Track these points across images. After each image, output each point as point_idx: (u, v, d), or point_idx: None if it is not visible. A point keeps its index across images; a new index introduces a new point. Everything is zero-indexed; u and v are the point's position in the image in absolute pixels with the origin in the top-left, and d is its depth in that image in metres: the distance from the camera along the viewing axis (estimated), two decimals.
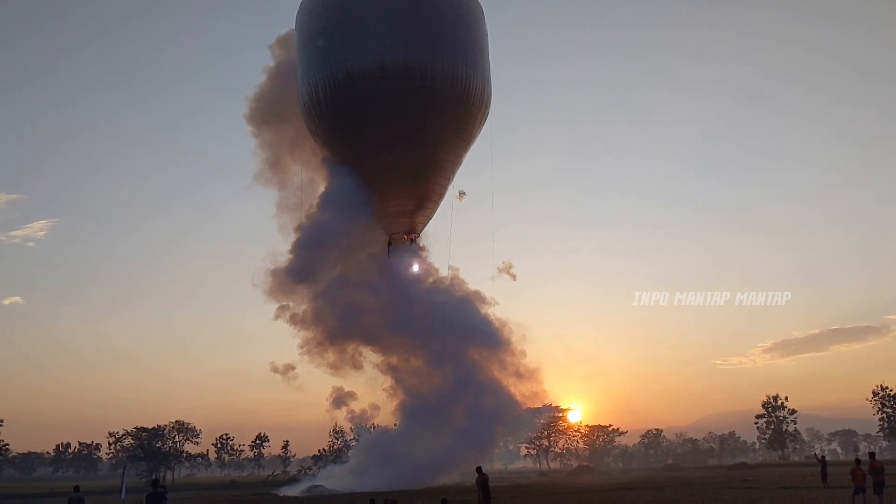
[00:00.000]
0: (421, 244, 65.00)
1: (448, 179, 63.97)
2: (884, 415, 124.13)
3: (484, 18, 63.34)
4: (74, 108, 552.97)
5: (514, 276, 66.20)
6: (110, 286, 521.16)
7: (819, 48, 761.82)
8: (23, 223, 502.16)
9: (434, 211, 65.22)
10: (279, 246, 65.21)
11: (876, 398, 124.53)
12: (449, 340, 58.90)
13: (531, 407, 62.40)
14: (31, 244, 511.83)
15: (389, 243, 63.75)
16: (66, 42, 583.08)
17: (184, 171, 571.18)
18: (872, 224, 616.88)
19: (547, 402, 63.90)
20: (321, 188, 65.02)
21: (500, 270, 65.52)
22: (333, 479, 64.44)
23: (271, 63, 69.62)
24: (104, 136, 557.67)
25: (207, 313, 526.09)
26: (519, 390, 61.26)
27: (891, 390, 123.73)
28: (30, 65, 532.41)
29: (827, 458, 41.27)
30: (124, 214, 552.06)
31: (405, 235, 64.22)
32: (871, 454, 27.64)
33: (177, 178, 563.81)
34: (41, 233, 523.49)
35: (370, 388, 63.67)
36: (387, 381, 63.51)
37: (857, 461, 28.38)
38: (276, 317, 62.52)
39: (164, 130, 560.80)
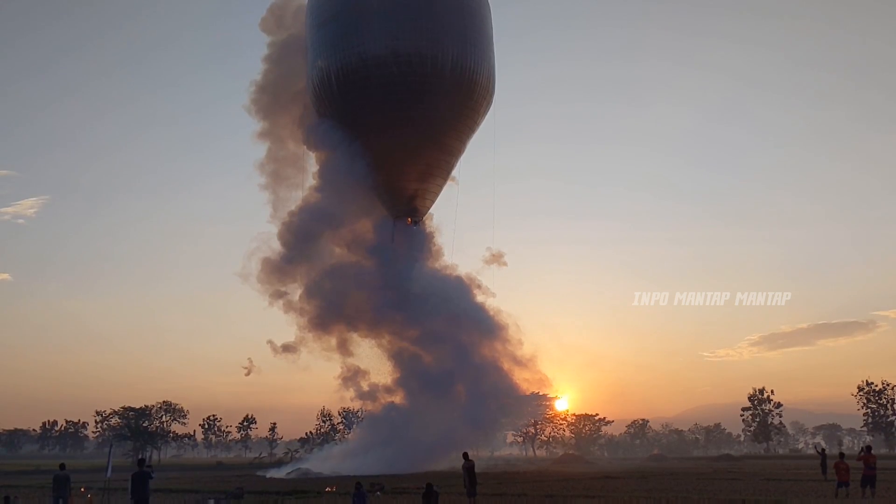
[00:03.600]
0: (424, 228, 65.43)
1: (451, 164, 65.38)
2: (868, 410, 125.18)
3: (489, 9, 64.80)
4: (67, 86, 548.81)
5: (504, 264, 66.47)
6: (101, 264, 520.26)
7: (827, 35, 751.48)
8: (13, 200, 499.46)
9: (437, 195, 66.40)
10: (274, 226, 64.90)
11: (861, 393, 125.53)
12: (448, 324, 59.38)
13: (524, 394, 62.75)
14: (21, 221, 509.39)
15: (393, 225, 64.04)
16: (56, 19, 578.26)
17: (175, 151, 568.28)
18: (861, 220, 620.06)
19: (547, 389, 64.44)
20: (323, 166, 64.73)
21: (487, 262, 65.76)
22: (323, 462, 64.58)
23: (263, 37, 69.48)
24: (97, 114, 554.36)
25: (200, 294, 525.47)
26: (520, 377, 62.00)
27: (876, 385, 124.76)
28: (21, 43, 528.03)
29: (827, 452, 41.38)
30: (116, 193, 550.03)
31: (408, 219, 64.76)
32: (868, 448, 27.59)
33: (168, 158, 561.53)
34: (31, 210, 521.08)
35: (371, 370, 64.40)
36: (387, 363, 64.01)
37: (842, 455, 28.56)
38: (270, 304, 62.60)
39: (157, 110, 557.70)
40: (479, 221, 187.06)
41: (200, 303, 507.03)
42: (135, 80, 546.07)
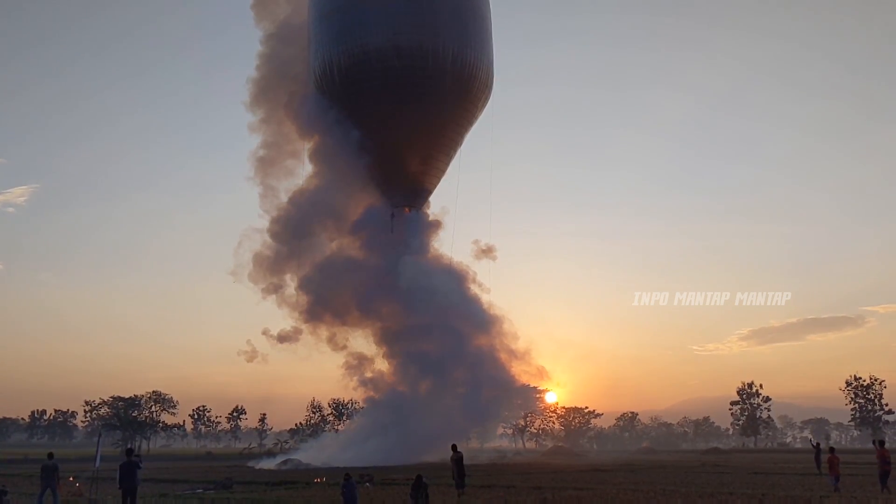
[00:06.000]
0: (423, 218, 65.59)
1: (450, 156, 66.29)
2: (856, 405, 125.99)
3: (489, 4, 65.76)
4: (58, 73, 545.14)
5: (494, 258, 66.53)
6: (90, 253, 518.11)
7: (833, 20, 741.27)
8: (3, 188, 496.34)
9: (435, 185, 67.52)
10: (267, 218, 64.68)
11: (849, 388, 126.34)
12: (438, 317, 59.55)
13: (516, 386, 62.95)
14: (10, 209, 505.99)
15: (392, 215, 64.27)
16: (53, 10, 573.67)
17: (169, 138, 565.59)
18: (851, 216, 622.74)
19: (545, 381, 64.82)
20: (318, 152, 64.66)
21: (476, 256, 65.88)
22: (316, 453, 64.60)
23: (260, 32, 69.27)
24: (87, 101, 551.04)
25: (189, 284, 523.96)
26: (515, 369, 62.29)
27: (864, 380, 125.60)
28: (14, 32, 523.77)
29: (822, 446, 41.46)
30: (106, 181, 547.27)
31: (406, 208, 65.11)
32: (882, 442, 27.45)
33: (161, 146, 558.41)
34: (21, 198, 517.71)
35: (372, 359, 64.72)
36: (383, 355, 64.18)
37: (832, 449, 28.70)
38: (264, 297, 62.58)
39: (151, 97, 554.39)
40: (476, 213, 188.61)
41: (191, 293, 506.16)
42: (128, 71, 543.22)
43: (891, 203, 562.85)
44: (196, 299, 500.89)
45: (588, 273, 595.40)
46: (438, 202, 68.01)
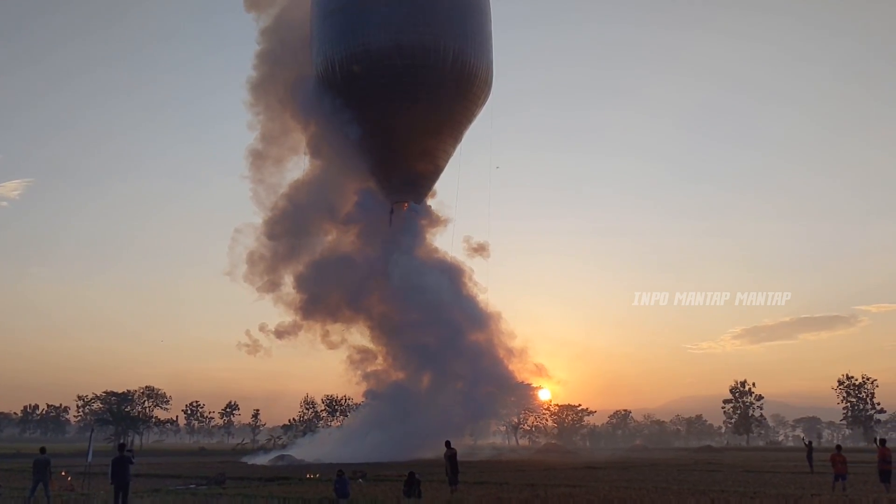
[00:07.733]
0: (420, 214, 65.73)
1: (449, 153, 67.03)
2: (847, 403, 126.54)
3: (489, 4, 66.47)
4: (50, 65, 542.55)
5: (487, 255, 66.66)
6: (84, 248, 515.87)
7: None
8: None
9: (434, 181, 68.07)
10: (262, 215, 64.51)
11: (841, 387, 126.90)
12: (430, 315, 59.66)
13: (510, 383, 63.12)
14: (3, 204, 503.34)
15: (391, 211, 64.49)
16: (48, 9, 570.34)
17: (162, 132, 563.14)
18: (844, 215, 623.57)
19: (545, 378, 65.21)
20: (315, 145, 64.86)
21: (468, 254, 66.14)
22: (310, 449, 64.59)
23: (261, 28, 69.21)
24: (80, 94, 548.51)
25: (181, 279, 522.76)
26: (514, 366, 62.65)
27: (856, 379, 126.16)
28: (2, 22, 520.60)
29: (814, 444, 41.29)
30: (99, 176, 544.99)
31: (405, 204, 65.34)
32: (883, 440, 27.47)
33: (154, 140, 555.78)
34: (14, 192, 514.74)
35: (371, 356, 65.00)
36: (380, 350, 64.27)
37: (838, 447, 28.72)
38: (260, 297, 62.61)
39: (143, 90, 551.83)
40: (475, 210, 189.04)
41: (184, 288, 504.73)
42: (125, 67, 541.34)
43: (886, 202, 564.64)
44: (189, 294, 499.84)
45: (584, 270, 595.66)
46: (437, 198, 68.34)
